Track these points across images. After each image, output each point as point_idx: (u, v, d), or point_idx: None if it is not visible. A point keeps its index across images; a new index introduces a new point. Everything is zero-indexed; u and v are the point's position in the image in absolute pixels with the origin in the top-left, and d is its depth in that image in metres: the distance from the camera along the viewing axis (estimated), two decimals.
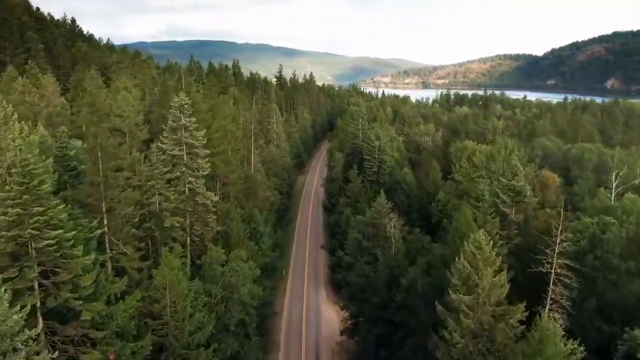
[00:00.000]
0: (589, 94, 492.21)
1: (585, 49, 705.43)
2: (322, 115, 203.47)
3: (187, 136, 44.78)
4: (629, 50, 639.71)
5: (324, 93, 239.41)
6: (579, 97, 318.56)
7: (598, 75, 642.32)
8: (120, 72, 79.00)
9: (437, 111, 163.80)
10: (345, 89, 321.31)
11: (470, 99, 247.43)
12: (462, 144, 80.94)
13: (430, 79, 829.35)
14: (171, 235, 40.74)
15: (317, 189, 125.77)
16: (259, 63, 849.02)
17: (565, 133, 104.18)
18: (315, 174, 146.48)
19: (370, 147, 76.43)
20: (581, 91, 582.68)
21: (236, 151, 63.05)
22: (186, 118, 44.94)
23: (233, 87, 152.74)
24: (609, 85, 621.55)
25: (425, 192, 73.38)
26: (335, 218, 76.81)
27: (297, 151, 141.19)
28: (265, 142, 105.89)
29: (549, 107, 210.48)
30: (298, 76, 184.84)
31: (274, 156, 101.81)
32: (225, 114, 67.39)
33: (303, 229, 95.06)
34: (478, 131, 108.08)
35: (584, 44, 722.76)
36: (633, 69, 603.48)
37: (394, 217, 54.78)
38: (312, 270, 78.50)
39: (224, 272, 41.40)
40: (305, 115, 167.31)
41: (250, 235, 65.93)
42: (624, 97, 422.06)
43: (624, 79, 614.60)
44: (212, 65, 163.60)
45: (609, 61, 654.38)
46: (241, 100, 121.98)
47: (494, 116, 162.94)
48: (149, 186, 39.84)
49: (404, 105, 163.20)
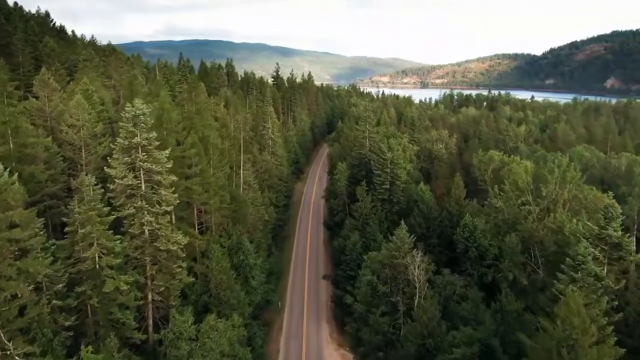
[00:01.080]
0: (589, 93, 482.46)
1: (585, 49, 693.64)
2: (321, 117, 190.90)
3: (145, 158, 32.36)
4: (628, 50, 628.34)
5: (323, 93, 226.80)
6: (581, 97, 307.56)
7: (597, 74, 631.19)
8: (86, 72, 66.15)
9: (444, 113, 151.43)
10: (344, 89, 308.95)
11: (475, 99, 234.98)
12: (487, 155, 68.90)
13: (428, 79, 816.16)
14: (116, 302, 28.36)
15: (317, 200, 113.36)
16: (257, 62, 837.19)
17: (594, 139, 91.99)
18: (315, 181, 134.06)
19: (381, 160, 63.96)
20: (581, 91, 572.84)
21: (220, 168, 50.56)
22: (144, 134, 32.54)
23: (226, 88, 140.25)
24: (608, 85, 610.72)
25: (446, 214, 61.20)
26: (340, 243, 64.41)
27: (295, 156, 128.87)
28: (260, 149, 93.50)
29: (558, 108, 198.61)
30: (296, 76, 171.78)
31: (269, 165, 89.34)
32: (208, 121, 54.91)
33: (302, 250, 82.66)
34: (497, 137, 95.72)
35: (582, 43, 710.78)
36: (633, 69, 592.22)
37: (418, 255, 42.57)
38: (312, 303, 65.95)
39: (192, 353, 29.02)
40: (303, 118, 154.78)
41: (238, 272, 53.65)
42: (623, 96, 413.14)
43: (623, 79, 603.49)
44: (204, 65, 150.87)
45: (608, 60, 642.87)
46: (234, 102, 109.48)
47: (505, 118, 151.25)
48: (82, 234, 27.46)
49: (408, 107, 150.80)
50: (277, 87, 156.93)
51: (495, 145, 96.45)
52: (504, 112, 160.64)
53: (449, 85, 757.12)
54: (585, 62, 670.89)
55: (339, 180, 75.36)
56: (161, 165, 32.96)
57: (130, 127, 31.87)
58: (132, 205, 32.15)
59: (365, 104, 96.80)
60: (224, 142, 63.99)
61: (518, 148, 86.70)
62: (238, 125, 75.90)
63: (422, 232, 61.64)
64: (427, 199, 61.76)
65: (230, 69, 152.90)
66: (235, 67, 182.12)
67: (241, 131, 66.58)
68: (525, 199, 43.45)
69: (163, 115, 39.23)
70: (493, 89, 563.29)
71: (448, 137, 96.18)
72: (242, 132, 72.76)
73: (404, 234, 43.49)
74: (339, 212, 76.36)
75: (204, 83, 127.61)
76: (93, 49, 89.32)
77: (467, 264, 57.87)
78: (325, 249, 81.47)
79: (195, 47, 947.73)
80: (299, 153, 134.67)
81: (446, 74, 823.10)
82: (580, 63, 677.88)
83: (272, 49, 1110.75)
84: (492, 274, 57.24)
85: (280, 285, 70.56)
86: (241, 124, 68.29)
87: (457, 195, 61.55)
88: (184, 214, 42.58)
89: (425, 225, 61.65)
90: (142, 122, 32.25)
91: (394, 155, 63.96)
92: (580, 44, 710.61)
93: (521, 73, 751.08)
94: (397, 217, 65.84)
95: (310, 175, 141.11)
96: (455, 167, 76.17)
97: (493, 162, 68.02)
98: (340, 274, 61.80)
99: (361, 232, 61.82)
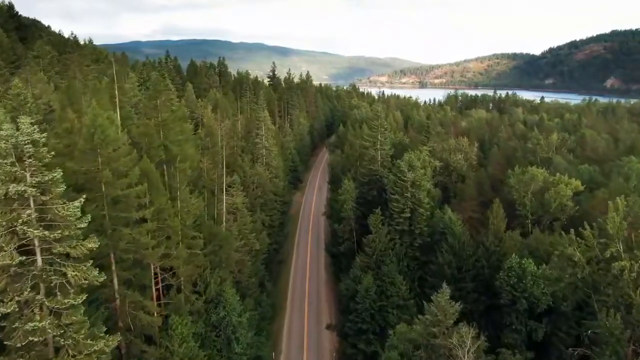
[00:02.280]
0: (589, 93, 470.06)
1: (584, 48, 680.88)
2: (320, 119, 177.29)
3: (32, 220, 18.89)
4: (628, 49, 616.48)
5: (322, 94, 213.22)
6: (581, 97, 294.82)
7: (597, 74, 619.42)
8: (32, 70, 52.46)
9: (454, 117, 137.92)
10: (343, 89, 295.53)
11: (479, 99, 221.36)
12: (527, 173, 55.54)
13: (427, 79, 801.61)
14: None
15: (317, 214, 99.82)
16: (254, 62, 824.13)
17: (635, 149, 78.67)
18: (314, 190, 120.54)
19: (399, 181, 50.39)
20: (580, 91, 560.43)
21: (190, 201, 36.93)
22: (37, 175, 19.07)
23: (217, 88, 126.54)
24: (608, 85, 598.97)
25: (483, 251, 47.98)
26: (349, 286, 50.83)
27: (292, 164, 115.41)
28: (253, 161, 80.00)
29: (569, 109, 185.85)
30: (294, 75, 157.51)
31: (263, 179, 75.83)
32: (179, 135, 41.22)
33: (300, 282, 69.18)
34: (525, 147, 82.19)
35: (582, 42, 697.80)
36: (633, 68, 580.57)
37: (469, 334, 29.22)
38: (312, 353, 52.50)
39: None
40: (301, 121, 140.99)
41: (218, 332, 40.31)
42: (624, 96, 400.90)
43: (623, 78, 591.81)
44: (194, 64, 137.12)
45: (607, 60, 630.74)
46: (223, 105, 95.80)
47: (519, 122, 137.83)
48: None
49: (415, 110, 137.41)
50: (273, 87, 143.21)
51: (523, 155, 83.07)
52: (517, 115, 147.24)
53: (447, 85, 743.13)
54: (584, 62, 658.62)
55: (345, 202, 61.76)
56: (68, 226, 19.48)
57: (7, 166, 18.36)
58: (15, 296, 18.66)
59: (375, 108, 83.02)
60: (204, 159, 50.45)
61: (552, 160, 73.36)
62: (223, 135, 62.35)
63: (451, 272, 48.41)
64: (457, 231, 48.37)
65: (222, 68, 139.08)
66: (231, 67, 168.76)
67: (224, 147, 52.86)
68: (614, 248, 30.25)
69: (95, 136, 25.64)
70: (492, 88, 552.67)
71: (468, 146, 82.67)
72: (225, 146, 58.79)
73: (446, 301, 30.13)
74: (345, 240, 62.86)
75: (193, 84, 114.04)
76: (53, 44, 75.32)
77: (513, 318, 44.73)
78: (328, 284, 67.84)
79: (192, 46, 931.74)
80: (297, 160, 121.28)
81: (445, 73, 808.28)
82: (579, 63, 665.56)
83: (270, 49, 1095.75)
84: (543, 329, 44.25)
85: (275, 326, 57.22)
86: (225, 136, 54.60)
87: (497, 226, 48.24)
88: (132, 275, 29.09)
89: (456, 265, 48.38)
90: (30, 154, 18.75)
91: (416, 175, 50.43)
92: (580, 43, 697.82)
93: (520, 73, 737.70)
94: (420, 252, 52.52)
95: (310, 183, 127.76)
96: (484, 185, 62.80)
97: (535, 180, 54.63)
98: (350, 327, 48.37)
99: (375, 273, 48.39)
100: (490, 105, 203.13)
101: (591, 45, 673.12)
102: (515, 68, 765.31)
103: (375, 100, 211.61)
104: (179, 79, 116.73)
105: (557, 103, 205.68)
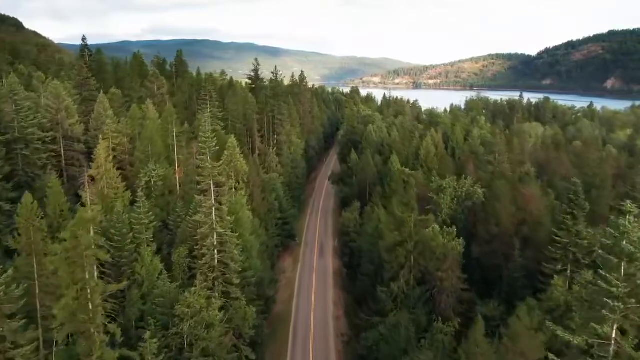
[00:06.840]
0: (589, 94, 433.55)
1: (581, 48, 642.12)
2: (317, 133, 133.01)
3: None
4: (627, 49, 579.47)
5: (319, 99, 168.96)
6: (585, 98, 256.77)
7: (596, 74, 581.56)
8: None
9: (506, 136, 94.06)
10: (341, 92, 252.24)
11: (506, 105, 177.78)
12: None
13: (421, 79, 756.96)
14: None
15: (325, 321, 55.96)
16: (244, 62, 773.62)
17: None
18: (314, 256, 74.04)
19: None
20: (580, 91, 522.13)
21: None
22: None
23: (167, 95, 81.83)
24: (609, 85, 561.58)
25: None
26: None
27: (279, 218, 71.08)
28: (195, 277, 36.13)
29: (587, 114, 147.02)
30: (283, 76, 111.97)
31: (210, 316, 31.85)
32: None
33: None
34: None
35: (579, 43, 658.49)
36: (634, 69, 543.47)
37: None
38: None
39: None
40: (294, 140, 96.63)
41: None
42: (627, 98, 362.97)
43: (624, 79, 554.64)
44: (137, 60, 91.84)
45: (607, 60, 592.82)
46: (152, 136, 51.36)
47: (598, 141, 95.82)
48: None
49: (455, 125, 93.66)
50: (254, 92, 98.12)
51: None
52: (588, 130, 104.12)
53: (441, 86, 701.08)
54: (582, 62, 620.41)
55: None
56: None
57: None
58: None
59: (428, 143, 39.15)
60: None
61: None
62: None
63: None
64: None
65: (181, 67, 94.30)
66: (221, 67, 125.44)
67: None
68: None
69: None
70: (488, 89, 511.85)
71: None
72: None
73: None
74: None
75: (121, 89, 69.43)
76: None
77: None
78: None
79: (182, 46, 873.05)
80: (288, 205, 77.03)
81: (439, 74, 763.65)
82: (577, 63, 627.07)
83: (260, 49, 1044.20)
84: None
85: None
86: None
87: None
88: None
89: None
90: None
91: None
92: (577, 43, 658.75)
93: (516, 73, 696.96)
94: None
95: (307, 236, 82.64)
96: None
97: None
98: None
99: None
100: (527, 113, 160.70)
101: (589, 45, 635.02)
102: (511, 68, 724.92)
103: (383, 108, 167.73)
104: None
105: (607, 109, 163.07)
